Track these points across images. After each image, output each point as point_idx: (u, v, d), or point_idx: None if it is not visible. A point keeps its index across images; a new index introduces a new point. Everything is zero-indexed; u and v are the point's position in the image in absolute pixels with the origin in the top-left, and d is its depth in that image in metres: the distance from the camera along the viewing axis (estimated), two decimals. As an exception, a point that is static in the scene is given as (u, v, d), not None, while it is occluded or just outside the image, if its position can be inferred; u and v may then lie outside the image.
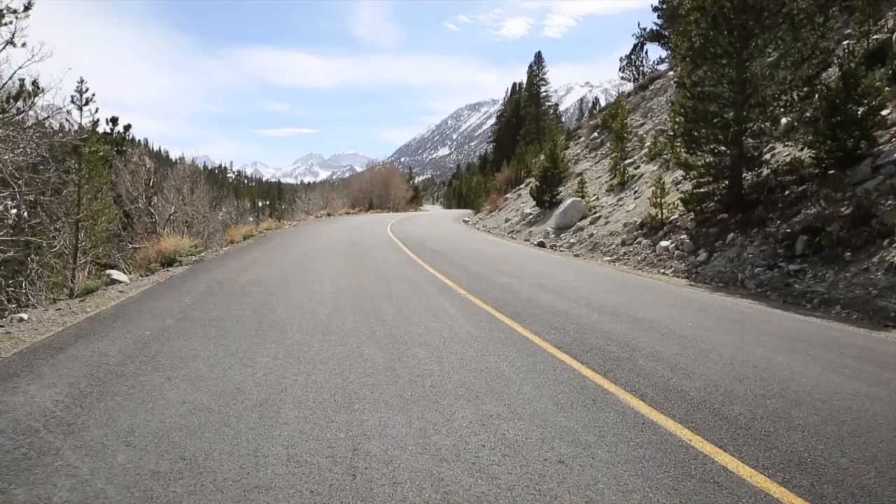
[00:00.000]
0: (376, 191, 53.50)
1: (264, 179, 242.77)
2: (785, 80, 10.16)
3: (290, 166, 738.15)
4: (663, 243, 11.31)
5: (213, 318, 5.33)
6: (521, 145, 47.16)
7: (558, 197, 21.28)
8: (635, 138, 22.18)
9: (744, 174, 10.98)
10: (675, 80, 14.08)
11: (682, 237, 11.11)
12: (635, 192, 16.06)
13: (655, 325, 5.40)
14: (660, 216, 12.32)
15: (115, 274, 7.52)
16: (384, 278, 8.15)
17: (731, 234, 10.09)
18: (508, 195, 32.35)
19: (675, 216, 12.14)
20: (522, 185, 31.81)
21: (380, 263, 10.11)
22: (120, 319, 5.30)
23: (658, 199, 12.33)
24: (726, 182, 11.07)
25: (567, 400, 3.30)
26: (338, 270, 8.99)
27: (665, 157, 17.42)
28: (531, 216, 21.95)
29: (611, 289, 7.92)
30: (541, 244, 15.75)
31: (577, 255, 13.57)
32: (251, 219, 43.31)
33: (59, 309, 6.01)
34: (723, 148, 10.92)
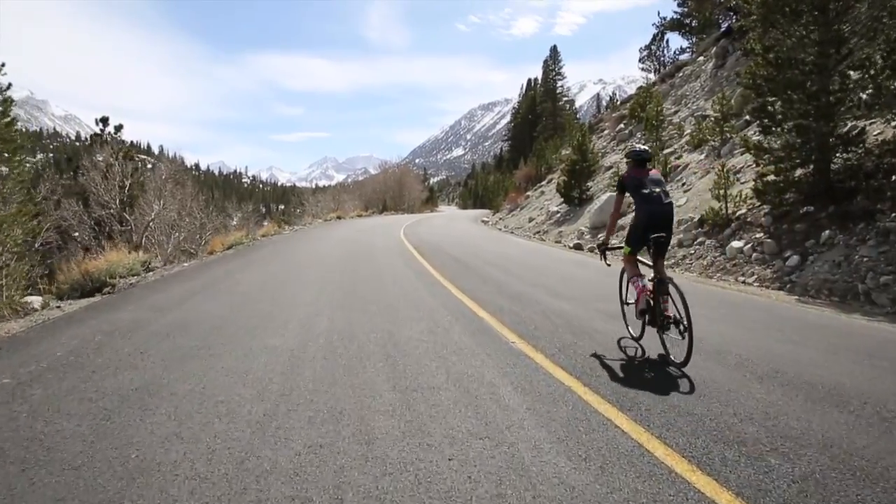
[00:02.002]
0: (390, 192, 51.99)
1: (279, 184, 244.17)
2: (890, 38, 8.11)
3: (305, 170, 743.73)
4: (735, 244, 9.28)
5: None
6: (540, 141, 45.18)
7: (588, 193, 19.31)
8: (671, 126, 20.11)
9: (834, 157, 8.91)
10: (744, 48, 12.05)
11: (759, 236, 9.09)
12: (683, 184, 14.01)
13: (871, 406, 3.12)
14: (724, 211, 10.30)
15: (37, 302, 5.81)
16: (388, 310, 5.81)
17: (827, 232, 8.06)
18: (529, 193, 30.45)
19: (743, 210, 10.11)
20: (544, 182, 29.92)
21: (385, 282, 7.86)
22: None
23: (721, 191, 10.31)
24: (811, 167, 9.03)
25: None
26: (322, 297, 6.59)
27: (713, 143, 15.40)
28: (559, 214, 19.98)
29: (714, 316, 5.64)
30: (577, 247, 13.78)
31: (622, 260, 11.56)
32: (265, 223, 42.01)
33: None
34: (794, 127, 8.88)
